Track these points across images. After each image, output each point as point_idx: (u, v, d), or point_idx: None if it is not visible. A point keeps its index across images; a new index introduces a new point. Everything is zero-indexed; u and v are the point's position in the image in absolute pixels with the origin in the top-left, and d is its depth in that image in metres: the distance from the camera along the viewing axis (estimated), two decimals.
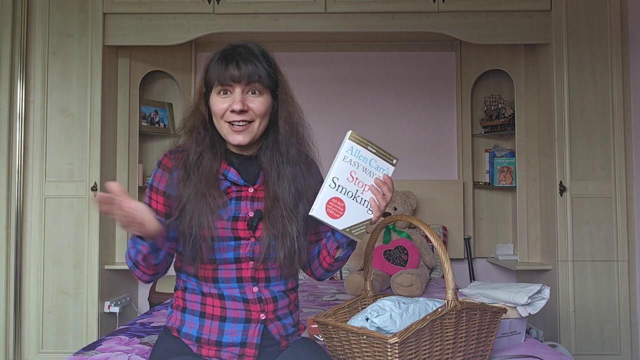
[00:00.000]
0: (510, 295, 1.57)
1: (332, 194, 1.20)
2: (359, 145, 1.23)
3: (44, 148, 2.87)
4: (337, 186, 1.21)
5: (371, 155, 1.24)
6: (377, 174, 1.25)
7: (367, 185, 1.24)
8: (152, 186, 1.31)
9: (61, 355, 2.64)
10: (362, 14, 2.89)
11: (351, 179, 1.22)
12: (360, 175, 1.23)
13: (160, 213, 1.28)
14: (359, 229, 1.23)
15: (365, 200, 1.24)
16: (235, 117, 1.25)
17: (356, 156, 1.23)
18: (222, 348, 1.25)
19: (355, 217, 1.22)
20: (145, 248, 1.19)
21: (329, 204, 1.20)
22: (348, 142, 1.22)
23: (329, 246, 1.31)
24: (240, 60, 1.25)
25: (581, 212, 2.82)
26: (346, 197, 1.21)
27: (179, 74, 3.34)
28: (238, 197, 1.29)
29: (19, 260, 2.87)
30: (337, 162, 1.21)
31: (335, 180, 1.21)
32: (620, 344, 2.78)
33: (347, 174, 1.22)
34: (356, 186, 1.22)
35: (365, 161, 1.24)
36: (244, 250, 1.26)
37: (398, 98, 3.41)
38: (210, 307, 1.27)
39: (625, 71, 2.84)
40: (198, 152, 1.29)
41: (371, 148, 1.24)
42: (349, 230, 1.22)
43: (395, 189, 3.09)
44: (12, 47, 2.86)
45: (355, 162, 1.23)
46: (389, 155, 1.27)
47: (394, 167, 1.26)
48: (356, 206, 1.22)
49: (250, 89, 1.26)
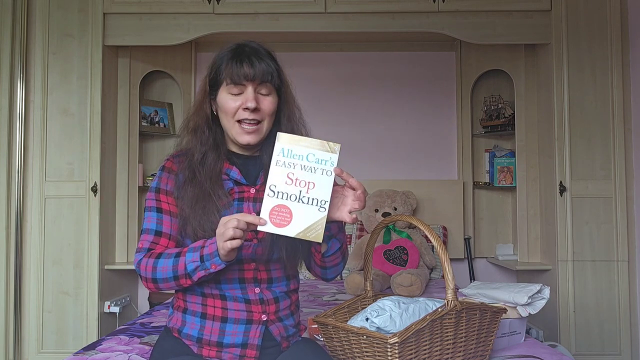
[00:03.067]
0: (510, 295, 1.57)
1: (273, 202, 1.14)
2: (290, 144, 1.17)
3: (44, 148, 2.87)
4: (276, 193, 1.15)
5: (307, 150, 1.17)
6: (320, 167, 1.16)
7: (311, 183, 1.16)
8: (160, 189, 1.29)
9: (61, 355, 2.64)
10: (362, 14, 2.89)
11: (290, 182, 1.15)
12: (299, 174, 1.16)
13: (174, 214, 1.27)
14: (315, 230, 1.15)
15: (314, 199, 1.16)
16: (248, 116, 1.25)
17: (289, 156, 1.16)
18: (223, 349, 1.24)
19: (306, 220, 1.15)
20: (217, 267, 1.16)
21: (273, 213, 1.14)
22: (277, 145, 1.16)
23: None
24: (253, 58, 1.25)
25: (581, 212, 2.82)
26: (289, 202, 1.15)
27: (179, 74, 3.34)
28: (240, 197, 1.29)
29: (19, 260, 2.87)
30: (270, 169, 1.16)
31: (272, 187, 1.15)
32: (620, 344, 2.78)
33: (284, 177, 1.15)
34: (298, 187, 1.15)
35: (301, 159, 1.16)
36: (246, 251, 1.26)
37: (398, 98, 3.41)
38: (211, 308, 1.26)
39: (625, 71, 2.84)
40: (202, 151, 1.29)
41: (304, 143, 1.17)
42: (303, 235, 1.14)
43: (395, 188, 3.12)
44: (12, 47, 2.86)
45: (290, 163, 1.16)
46: (328, 144, 1.18)
47: (336, 154, 1.17)
48: (304, 208, 1.15)
49: (261, 88, 1.26)
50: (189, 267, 1.17)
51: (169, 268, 1.19)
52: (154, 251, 1.25)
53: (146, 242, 1.26)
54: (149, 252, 1.24)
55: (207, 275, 1.18)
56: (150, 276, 1.21)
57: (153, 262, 1.21)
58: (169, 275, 1.19)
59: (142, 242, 1.26)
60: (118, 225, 3.10)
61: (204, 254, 1.16)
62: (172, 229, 1.28)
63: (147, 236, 1.26)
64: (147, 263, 1.22)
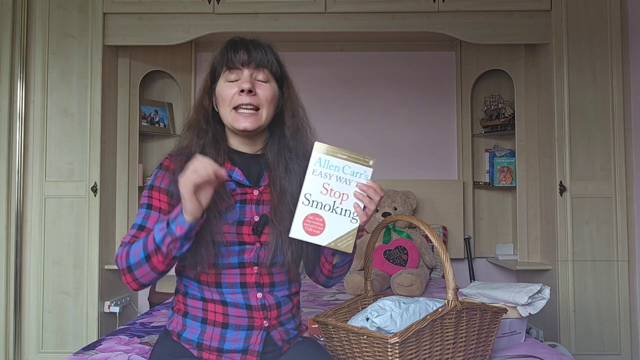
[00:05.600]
0: (511, 295, 1.57)
1: (308, 210, 1.17)
2: (327, 155, 1.19)
3: (44, 148, 2.87)
4: (311, 202, 1.17)
5: (343, 162, 1.19)
6: (354, 179, 1.20)
7: (345, 194, 1.19)
8: (153, 186, 1.26)
9: (61, 355, 2.64)
10: (362, 14, 2.89)
11: (325, 192, 1.18)
12: (335, 185, 1.19)
13: (164, 211, 1.24)
14: (346, 240, 1.19)
15: (347, 210, 1.19)
16: (244, 99, 1.23)
17: (326, 167, 1.19)
18: (223, 354, 1.23)
19: (338, 230, 1.18)
20: (182, 230, 1.08)
21: (306, 221, 1.16)
22: (314, 154, 1.19)
23: (326, 252, 1.28)
24: (250, 46, 1.25)
25: (581, 212, 2.82)
26: (323, 211, 1.18)
27: (179, 74, 3.34)
28: (243, 200, 1.25)
29: (19, 260, 2.87)
30: (307, 177, 1.18)
31: (307, 196, 1.17)
32: (620, 344, 2.78)
33: (319, 187, 1.18)
34: (332, 198, 1.19)
35: (337, 170, 1.19)
36: (248, 255, 1.23)
37: (398, 98, 3.41)
38: (212, 314, 1.24)
39: (625, 71, 2.84)
40: (200, 145, 1.26)
41: (341, 155, 1.19)
42: (334, 244, 1.18)
43: (395, 188, 3.12)
44: (12, 47, 2.86)
45: (327, 174, 1.19)
46: (363, 158, 1.21)
47: (371, 168, 1.21)
48: (337, 218, 1.18)
49: (258, 73, 1.25)
50: (157, 238, 1.10)
51: (139, 248, 1.13)
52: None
53: (128, 236, 1.21)
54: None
55: (177, 247, 1.09)
56: (125, 265, 1.15)
57: (127, 249, 1.16)
58: (140, 257, 1.13)
59: (125, 236, 1.22)
60: (118, 225, 3.10)
61: (170, 219, 1.10)
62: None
63: (132, 230, 1.22)
64: (122, 252, 1.17)
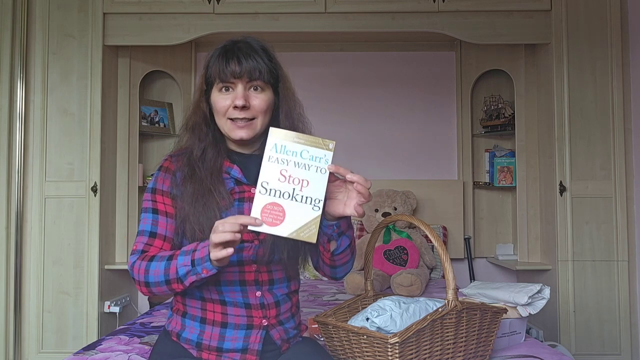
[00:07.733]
0: (511, 295, 1.57)
1: (265, 200, 1.09)
2: (283, 140, 1.12)
3: (44, 148, 2.87)
4: (269, 190, 1.09)
5: (301, 147, 1.12)
6: (314, 164, 1.12)
7: (305, 181, 1.11)
8: (156, 189, 1.26)
9: (61, 355, 2.64)
10: (362, 14, 2.89)
11: (283, 179, 1.10)
12: (293, 171, 1.11)
13: (170, 215, 1.24)
14: (308, 229, 1.10)
15: (308, 197, 1.11)
16: (238, 114, 1.23)
17: (282, 153, 1.11)
18: (223, 354, 1.23)
19: (300, 219, 1.09)
20: (208, 273, 1.11)
21: (265, 211, 1.08)
22: (270, 140, 1.12)
23: (322, 240, 1.25)
24: (241, 55, 1.23)
25: (581, 212, 2.82)
26: (283, 200, 1.09)
27: (179, 74, 3.34)
28: (241, 198, 1.26)
29: (19, 260, 2.87)
30: (262, 164, 1.11)
31: (264, 184, 1.10)
32: (620, 344, 2.78)
33: (276, 174, 1.10)
34: (292, 185, 1.10)
35: (295, 155, 1.12)
36: (247, 253, 1.23)
37: (398, 98, 3.41)
38: (211, 313, 1.24)
39: (625, 71, 2.84)
40: (202, 147, 1.27)
41: (298, 139, 1.13)
42: (296, 234, 1.09)
43: (395, 188, 3.12)
44: (12, 47, 2.86)
45: (284, 159, 1.11)
46: (323, 141, 1.13)
47: (331, 152, 1.13)
48: (297, 206, 1.10)
49: (252, 85, 1.24)
50: (180, 272, 1.13)
51: (160, 272, 1.15)
52: (148, 253, 1.21)
53: (140, 243, 1.22)
54: (143, 255, 1.21)
55: (199, 281, 1.13)
56: (142, 280, 1.17)
57: (146, 265, 1.17)
58: (160, 279, 1.15)
59: (137, 244, 1.23)
60: (118, 225, 3.10)
61: (195, 258, 1.11)
62: (168, 230, 1.24)
63: (142, 237, 1.23)
64: (140, 266, 1.18)
